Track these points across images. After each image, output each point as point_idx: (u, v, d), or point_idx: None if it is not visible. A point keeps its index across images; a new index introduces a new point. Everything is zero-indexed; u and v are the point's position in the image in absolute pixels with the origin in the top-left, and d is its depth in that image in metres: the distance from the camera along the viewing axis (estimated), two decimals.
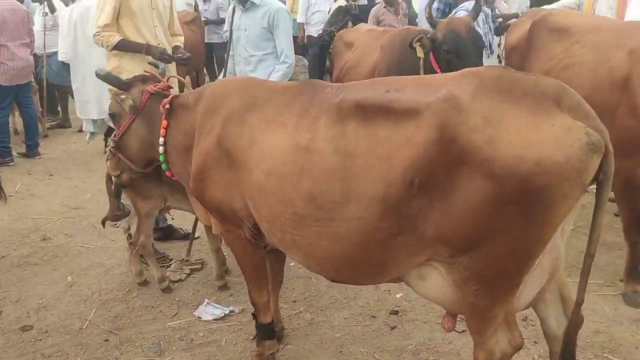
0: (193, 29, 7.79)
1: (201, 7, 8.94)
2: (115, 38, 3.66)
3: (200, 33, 8.08)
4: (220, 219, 2.58)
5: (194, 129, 2.52)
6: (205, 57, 8.55)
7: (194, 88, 3.00)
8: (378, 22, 6.32)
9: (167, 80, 2.87)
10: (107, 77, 2.87)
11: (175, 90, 3.09)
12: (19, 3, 6.16)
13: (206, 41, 8.59)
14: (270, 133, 2.23)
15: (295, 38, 10.14)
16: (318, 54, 8.44)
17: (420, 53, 3.35)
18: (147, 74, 2.93)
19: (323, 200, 2.07)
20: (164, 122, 2.61)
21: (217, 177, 2.40)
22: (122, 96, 2.71)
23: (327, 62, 8.51)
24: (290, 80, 4.00)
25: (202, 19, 8.58)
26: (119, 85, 2.82)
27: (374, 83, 2.22)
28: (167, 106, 2.61)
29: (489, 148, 1.74)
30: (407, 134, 1.89)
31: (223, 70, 4.33)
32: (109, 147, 2.95)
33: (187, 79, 3.56)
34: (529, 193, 1.73)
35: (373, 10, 6.51)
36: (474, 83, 1.87)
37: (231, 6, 4.11)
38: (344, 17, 7.22)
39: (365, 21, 6.83)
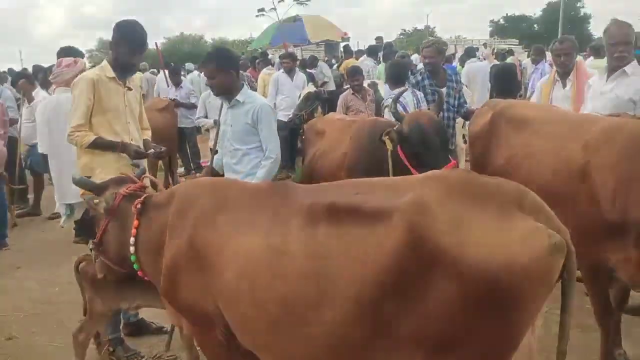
0: (166, 116, 7.93)
1: (171, 93, 9.15)
2: (90, 137, 3.68)
3: (172, 119, 8.23)
4: (192, 321, 2.52)
5: (165, 229, 2.50)
6: (177, 142, 8.65)
7: (166, 173, 3.04)
8: (347, 108, 6.54)
9: (142, 180, 2.89)
10: (80, 182, 2.87)
11: (150, 190, 3.11)
12: None
13: (178, 126, 8.73)
14: (241, 235, 2.23)
15: None
16: (288, 137, 8.65)
17: (389, 146, 3.48)
18: (124, 175, 2.95)
19: (296, 304, 2.05)
20: (135, 222, 2.61)
21: (187, 280, 2.37)
22: (95, 200, 2.72)
23: (299, 144, 8.77)
24: None
25: (172, 101, 8.77)
26: (93, 189, 2.83)
27: (344, 185, 2.28)
28: (139, 206, 2.61)
29: (458, 250, 1.80)
30: (378, 236, 1.93)
31: (209, 161, 4.45)
32: (91, 249, 2.92)
33: (159, 180, 3.60)
34: (499, 294, 1.77)
35: (341, 97, 6.76)
36: (440, 187, 1.95)
37: (221, 102, 4.26)
38: (313, 102, 7.49)
39: (335, 105, 7.09)
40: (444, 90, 5.01)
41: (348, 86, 10.03)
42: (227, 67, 3.92)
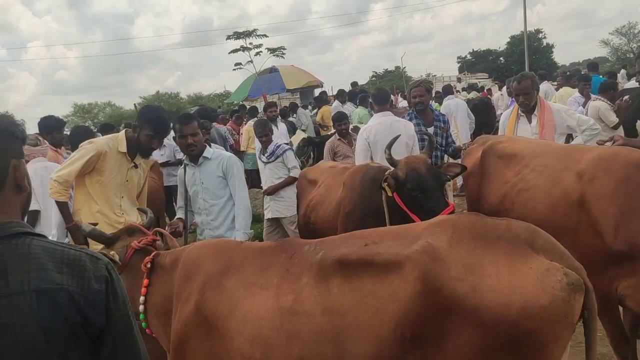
0: (152, 176, 7.82)
1: (156, 153, 9.12)
2: (60, 197, 3.77)
3: (159, 179, 8.16)
4: None
5: (172, 293, 2.44)
6: (164, 201, 8.56)
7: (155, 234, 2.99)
8: (334, 154, 6.59)
9: (153, 233, 2.84)
10: (91, 233, 2.80)
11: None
12: None
13: (165, 184, 8.67)
14: (250, 297, 2.18)
15: (254, 172, 10.56)
16: None
17: (389, 192, 3.50)
18: (134, 225, 2.90)
19: None
20: (145, 281, 2.55)
21: (197, 347, 2.29)
22: (112, 252, 2.63)
23: None
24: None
25: (159, 161, 8.74)
26: (104, 241, 2.77)
27: (351, 237, 2.24)
28: (148, 265, 2.56)
29: (474, 296, 1.77)
30: (392, 287, 1.90)
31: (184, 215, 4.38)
32: None
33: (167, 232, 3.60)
34: (519, 338, 1.74)
35: (328, 143, 6.81)
36: (450, 232, 1.93)
37: (182, 166, 4.34)
38: (307, 148, 7.54)
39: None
40: (431, 129, 5.10)
41: (329, 131, 10.26)
42: (202, 127, 4.09)
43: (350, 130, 7.17)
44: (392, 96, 14.39)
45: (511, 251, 1.83)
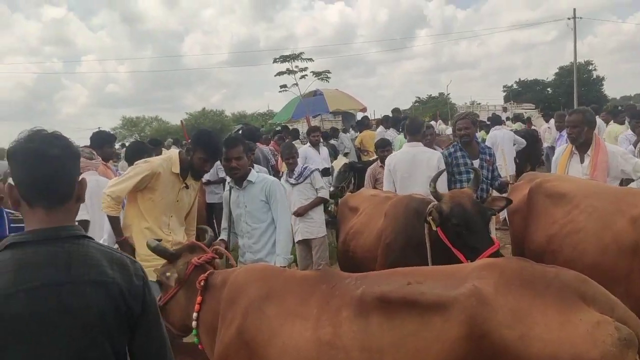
0: (198, 194, 8.02)
1: None
2: (112, 212, 3.88)
3: (201, 197, 8.30)
4: None
5: (218, 315, 2.50)
6: (206, 219, 8.70)
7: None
8: (375, 180, 6.56)
9: (213, 251, 2.92)
10: (156, 249, 2.87)
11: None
12: None
13: (207, 202, 8.82)
14: (291, 326, 2.19)
15: None
16: None
17: (433, 226, 3.45)
18: (195, 243, 2.98)
19: None
20: (199, 298, 2.61)
21: None
22: (167, 273, 2.74)
23: (325, 216, 8.78)
24: None
25: (203, 180, 8.90)
26: (168, 256, 2.85)
27: (394, 274, 2.23)
28: (202, 283, 2.62)
29: (522, 345, 1.72)
30: (436, 329, 1.87)
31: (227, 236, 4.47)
32: None
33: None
34: None
35: (369, 170, 6.78)
36: (498, 276, 1.90)
37: (227, 188, 4.42)
38: (349, 174, 7.54)
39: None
40: (476, 162, 5.02)
41: (368, 155, 10.23)
42: (247, 151, 4.15)
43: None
44: (433, 122, 14.32)
45: (560, 301, 1.78)
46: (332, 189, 7.81)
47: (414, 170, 5.12)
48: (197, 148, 3.97)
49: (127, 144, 25.01)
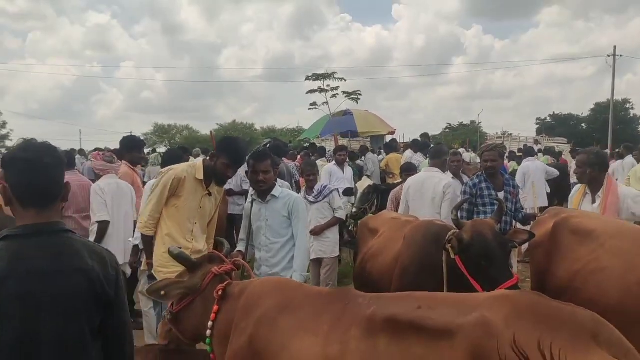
0: (220, 205, 8.07)
1: None
2: (149, 232, 4.02)
3: (224, 207, 8.35)
4: None
5: (232, 323, 2.50)
6: (226, 230, 8.74)
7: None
8: (397, 204, 6.51)
9: (232, 263, 2.93)
10: (179, 256, 2.88)
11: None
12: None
13: (229, 212, 8.86)
14: (300, 340, 2.19)
15: None
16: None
17: (452, 254, 3.40)
18: (215, 254, 2.98)
19: None
20: (215, 307, 2.61)
21: None
22: (162, 292, 2.70)
23: (345, 236, 8.75)
24: None
25: (225, 188, 8.95)
26: (190, 265, 2.86)
27: (407, 297, 2.22)
28: (220, 292, 2.63)
29: None
30: (441, 355, 1.85)
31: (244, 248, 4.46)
32: (165, 316, 2.94)
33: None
34: None
35: (393, 193, 6.75)
36: (509, 308, 1.86)
37: (249, 200, 4.45)
38: (372, 195, 7.53)
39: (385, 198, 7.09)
40: (501, 194, 4.95)
41: (393, 178, 10.18)
42: (275, 166, 4.15)
43: None
44: (462, 150, 14.21)
45: (573, 339, 1.73)
46: (354, 210, 7.78)
47: (422, 193, 5.43)
48: (221, 153, 4.03)
49: (157, 150, 25.47)
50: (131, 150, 6.36)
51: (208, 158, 4.23)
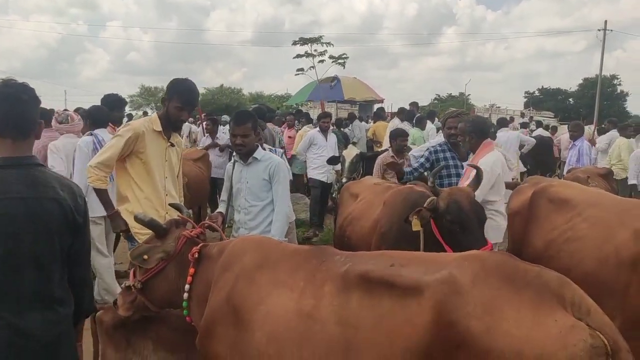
0: (200, 166, 8.01)
1: (208, 143, 9.22)
2: (101, 184, 3.76)
3: (206, 170, 8.30)
4: None
5: (211, 282, 2.50)
6: (209, 192, 8.69)
7: (196, 222, 3.01)
8: (384, 170, 6.49)
9: (202, 226, 2.89)
10: (150, 223, 2.81)
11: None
12: None
13: (211, 176, 8.78)
14: (276, 295, 2.22)
15: (300, 176, 10.59)
16: (319, 197, 8.66)
17: (416, 227, 3.40)
18: (183, 218, 2.94)
19: None
20: (191, 270, 2.60)
21: (222, 335, 2.35)
22: (145, 256, 2.66)
23: (330, 203, 8.75)
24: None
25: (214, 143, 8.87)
26: (160, 231, 2.80)
27: (381, 255, 2.24)
28: (196, 255, 2.61)
29: (487, 338, 1.71)
30: (409, 312, 1.87)
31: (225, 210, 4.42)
32: (130, 285, 2.82)
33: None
34: None
35: (379, 159, 6.71)
36: (477, 268, 1.88)
37: (231, 162, 4.39)
38: (359, 164, 7.47)
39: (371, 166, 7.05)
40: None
41: (381, 147, 10.15)
42: (256, 129, 4.16)
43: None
44: None
45: (537, 300, 1.75)
46: (344, 179, 7.76)
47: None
48: (172, 96, 3.86)
49: (148, 113, 24.78)
50: (112, 109, 6.22)
51: (162, 108, 4.03)
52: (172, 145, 4.04)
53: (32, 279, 2.15)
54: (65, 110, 7.53)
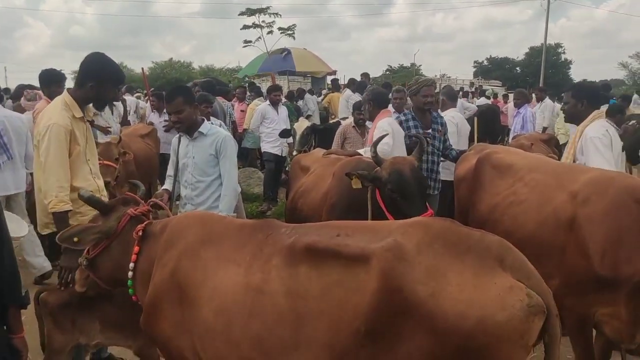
0: (148, 142, 7.79)
1: (155, 118, 8.99)
2: (67, 207, 3.26)
3: (155, 146, 8.09)
4: (167, 358, 2.46)
5: (155, 260, 2.46)
6: (158, 169, 8.49)
7: (146, 200, 2.97)
8: (344, 139, 6.50)
9: (149, 204, 2.83)
10: (91, 200, 2.75)
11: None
12: None
13: (160, 152, 8.58)
14: (222, 270, 2.20)
15: (253, 150, 10.49)
16: (274, 170, 8.62)
17: (356, 184, 3.47)
18: (129, 196, 2.87)
19: (271, 345, 2.01)
20: (136, 248, 2.55)
21: (167, 312, 2.32)
22: (76, 239, 2.57)
23: (283, 176, 8.72)
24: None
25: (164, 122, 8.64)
26: (101, 208, 2.75)
27: (327, 226, 2.25)
28: (140, 233, 2.56)
29: (432, 302, 1.76)
30: (357, 280, 1.90)
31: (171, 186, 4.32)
32: (80, 262, 2.77)
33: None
34: (471, 352, 1.73)
35: (341, 128, 6.69)
36: (421, 234, 1.92)
37: (176, 136, 4.28)
38: (311, 136, 7.44)
39: (326, 138, 7.02)
40: (429, 131, 5.00)
41: (335, 118, 10.15)
42: (192, 102, 4.01)
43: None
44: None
45: (479, 264, 1.81)
46: (295, 152, 7.73)
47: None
48: (100, 78, 3.39)
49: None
50: (49, 84, 5.97)
51: (73, 88, 3.53)
52: (89, 121, 3.63)
53: None
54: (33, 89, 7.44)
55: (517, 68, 52.82)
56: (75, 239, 2.58)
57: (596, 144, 3.68)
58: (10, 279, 2.16)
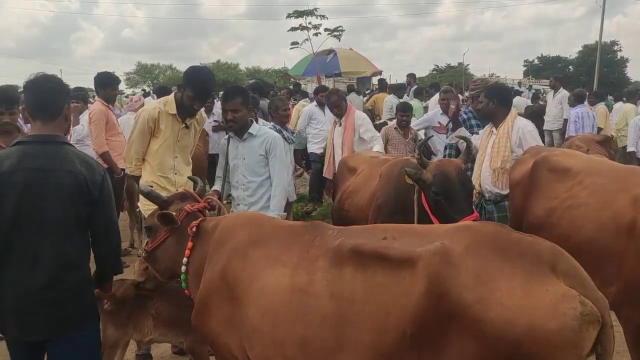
0: (198, 144, 7.92)
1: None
2: (138, 172, 4.15)
3: (204, 147, 8.23)
4: (217, 354, 2.52)
5: (206, 257, 2.53)
6: (207, 169, 8.64)
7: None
8: (387, 141, 6.49)
9: (206, 201, 2.94)
10: (150, 195, 2.89)
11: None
12: None
13: (209, 152, 8.73)
14: (270, 271, 2.23)
15: (300, 151, 10.54)
16: (319, 170, 8.63)
17: (408, 180, 3.45)
18: (186, 192, 2.98)
19: (316, 347, 2.02)
20: (190, 244, 2.63)
21: (217, 310, 2.38)
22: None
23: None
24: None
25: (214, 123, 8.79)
26: (160, 203, 2.86)
27: (374, 229, 2.24)
28: (194, 229, 2.64)
29: (479, 308, 1.71)
30: (403, 283, 1.88)
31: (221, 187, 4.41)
32: (139, 254, 2.97)
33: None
34: (520, 359, 1.67)
35: (383, 130, 6.69)
36: (470, 239, 1.87)
37: (226, 137, 4.36)
38: None
39: None
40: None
41: (380, 120, 10.08)
42: (248, 104, 4.12)
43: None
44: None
45: (529, 269, 1.75)
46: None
47: None
48: (186, 86, 3.98)
49: (146, 90, 24.75)
50: (105, 87, 6.19)
51: (178, 91, 4.19)
52: (187, 127, 4.13)
53: (47, 242, 2.40)
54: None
55: (570, 67, 51.06)
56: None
57: (534, 136, 4.33)
58: (117, 251, 2.73)
